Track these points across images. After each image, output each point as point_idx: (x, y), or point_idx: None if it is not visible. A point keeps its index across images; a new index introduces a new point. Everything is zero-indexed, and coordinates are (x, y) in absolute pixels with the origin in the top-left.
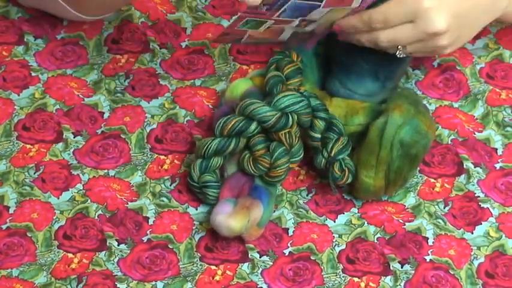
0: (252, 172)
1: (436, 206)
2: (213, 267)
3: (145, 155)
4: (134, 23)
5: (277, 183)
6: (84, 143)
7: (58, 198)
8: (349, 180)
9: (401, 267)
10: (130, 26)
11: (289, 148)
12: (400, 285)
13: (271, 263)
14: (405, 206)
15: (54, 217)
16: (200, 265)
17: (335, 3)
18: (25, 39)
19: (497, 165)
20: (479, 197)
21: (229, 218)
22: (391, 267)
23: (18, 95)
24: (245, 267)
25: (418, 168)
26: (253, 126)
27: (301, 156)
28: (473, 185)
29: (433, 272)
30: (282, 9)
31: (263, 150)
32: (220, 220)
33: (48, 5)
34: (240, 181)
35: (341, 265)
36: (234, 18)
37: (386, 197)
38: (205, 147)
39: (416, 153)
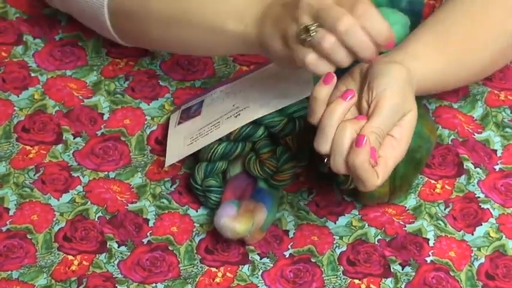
0: (258, 175)
1: (437, 208)
2: (214, 269)
3: (145, 156)
4: None
5: (282, 187)
6: (84, 144)
7: (58, 200)
8: (353, 185)
9: (402, 269)
10: None
11: (296, 153)
12: (400, 287)
13: (272, 265)
14: (406, 207)
15: (54, 219)
16: (200, 267)
17: None
18: (24, 39)
19: (497, 167)
20: (479, 197)
21: (234, 221)
22: (391, 269)
23: (18, 96)
24: (245, 269)
25: None
26: (261, 131)
27: (307, 161)
28: (474, 185)
29: (434, 274)
30: None
31: (269, 154)
32: (225, 222)
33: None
34: (243, 183)
35: (341, 267)
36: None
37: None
38: (212, 151)
39: (421, 158)
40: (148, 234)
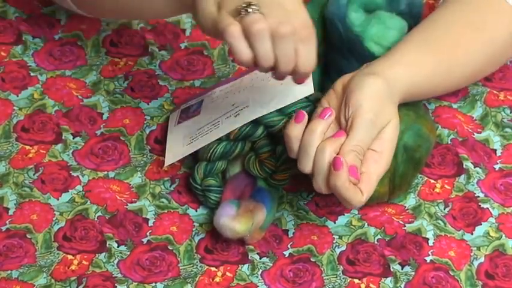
0: (258, 174)
1: (436, 207)
2: (213, 268)
3: (145, 156)
4: (133, 28)
5: (282, 187)
6: (83, 144)
7: (58, 200)
8: None
9: (402, 269)
10: (129, 31)
11: None
12: (400, 286)
13: (271, 265)
14: (405, 207)
15: (54, 218)
16: (200, 266)
17: None
18: (23, 39)
19: (496, 166)
20: (479, 197)
21: (234, 221)
22: (391, 269)
23: (17, 96)
24: (245, 268)
25: None
26: (260, 130)
27: None
28: (473, 185)
29: (434, 273)
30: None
31: (269, 153)
32: (224, 222)
33: None
34: (243, 182)
35: (341, 266)
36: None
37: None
38: (211, 151)
39: (420, 157)
40: (147, 233)
